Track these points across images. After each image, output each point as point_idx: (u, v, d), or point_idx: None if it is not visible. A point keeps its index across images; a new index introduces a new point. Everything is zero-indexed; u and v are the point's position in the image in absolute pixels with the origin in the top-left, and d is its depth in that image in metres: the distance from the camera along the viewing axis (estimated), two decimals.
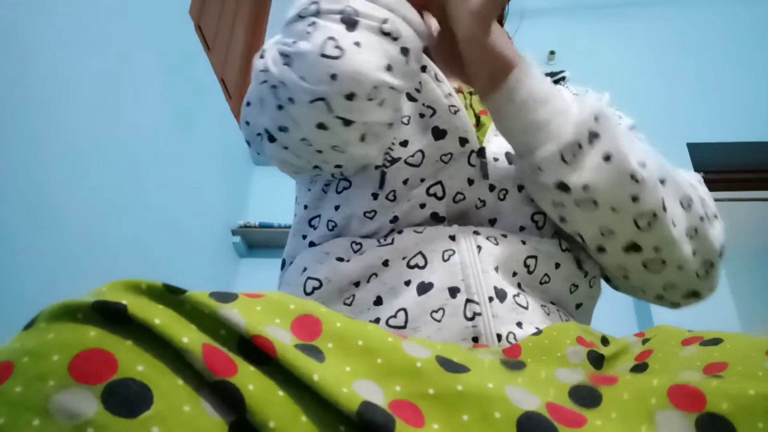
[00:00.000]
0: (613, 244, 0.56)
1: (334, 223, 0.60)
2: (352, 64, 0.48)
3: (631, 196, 0.52)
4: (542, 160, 0.53)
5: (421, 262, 0.54)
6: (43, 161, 1.39)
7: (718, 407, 0.29)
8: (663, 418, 0.30)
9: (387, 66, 0.50)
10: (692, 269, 0.58)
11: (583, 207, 0.53)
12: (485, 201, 0.59)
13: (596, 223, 0.55)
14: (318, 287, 0.56)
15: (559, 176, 0.52)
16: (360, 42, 0.49)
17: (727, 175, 2.62)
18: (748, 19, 2.82)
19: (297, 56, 0.50)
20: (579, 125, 0.52)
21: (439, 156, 0.59)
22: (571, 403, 0.33)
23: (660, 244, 0.55)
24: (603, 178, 0.52)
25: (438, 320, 0.50)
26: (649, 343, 0.43)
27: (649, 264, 0.57)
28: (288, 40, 0.52)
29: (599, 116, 0.53)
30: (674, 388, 0.31)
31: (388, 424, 0.27)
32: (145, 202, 1.81)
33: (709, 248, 0.58)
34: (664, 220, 0.54)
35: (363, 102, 0.50)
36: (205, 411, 0.27)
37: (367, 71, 0.49)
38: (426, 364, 0.32)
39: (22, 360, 0.26)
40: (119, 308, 0.28)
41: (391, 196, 0.58)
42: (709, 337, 0.39)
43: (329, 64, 0.48)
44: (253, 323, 0.30)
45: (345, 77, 0.48)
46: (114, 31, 1.71)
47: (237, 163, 2.66)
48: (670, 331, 0.44)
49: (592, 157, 0.52)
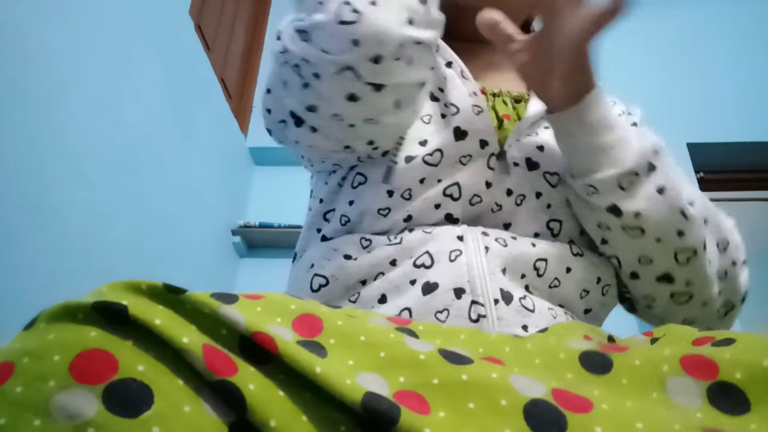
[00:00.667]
0: (648, 273, 0.57)
1: (347, 218, 0.59)
2: (372, 25, 0.47)
3: (678, 230, 0.53)
4: (600, 182, 0.53)
5: (427, 261, 0.53)
6: (43, 161, 1.39)
7: (731, 376, 0.29)
8: (674, 383, 0.30)
9: (408, 19, 0.49)
10: (714, 308, 0.59)
11: (630, 233, 0.54)
12: (501, 205, 0.58)
13: (638, 250, 0.56)
14: (324, 284, 0.56)
15: (613, 200, 0.53)
16: (375, 1, 0.48)
17: (727, 175, 2.62)
18: (748, 19, 2.82)
19: (314, 29, 0.49)
20: (639, 156, 0.53)
21: (459, 157, 0.58)
22: (582, 369, 0.33)
23: (693, 280, 0.56)
24: (655, 208, 0.53)
25: (442, 321, 0.49)
26: (658, 343, 0.43)
27: (676, 296, 0.58)
28: (302, 15, 0.50)
29: (658, 151, 0.54)
30: (687, 357, 0.31)
31: (392, 411, 0.27)
32: (145, 202, 1.81)
33: (734, 291, 0.60)
34: (703, 258, 0.55)
35: (391, 63, 0.48)
36: (205, 411, 0.27)
37: (389, 29, 0.47)
38: (429, 356, 0.32)
39: (23, 360, 0.27)
40: (120, 309, 0.28)
41: (407, 195, 0.57)
42: (721, 337, 0.38)
43: (348, 30, 0.47)
44: (254, 320, 0.30)
45: (367, 40, 0.47)
46: (114, 31, 1.71)
47: (237, 163, 2.66)
48: (679, 331, 0.43)
49: (647, 187, 0.53)
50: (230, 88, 2.64)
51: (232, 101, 2.62)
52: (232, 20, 2.74)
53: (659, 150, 0.55)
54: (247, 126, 2.78)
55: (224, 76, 2.57)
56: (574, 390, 0.31)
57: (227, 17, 2.68)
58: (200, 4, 2.35)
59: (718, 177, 2.60)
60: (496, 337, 0.37)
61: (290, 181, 1.52)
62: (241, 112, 2.76)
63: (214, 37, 2.48)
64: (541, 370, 0.35)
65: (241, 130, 2.70)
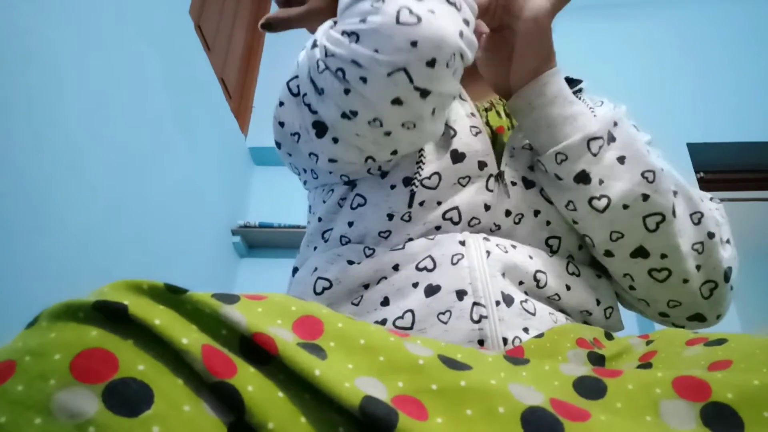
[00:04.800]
0: (622, 249, 0.57)
1: (347, 239, 0.60)
2: (432, 29, 0.47)
3: (642, 194, 0.54)
4: (569, 147, 0.55)
5: (429, 265, 0.54)
6: (43, 161, 1.39)
7: (722, 397, 0.29)
8: (668, 407, 0.30)
9: (460, 32, 0.50)
10: (696, 286, 0.58)
11: (597, 205, 0.55)
12: (500, 225, 0.59)
13: (608, 225, 0.56)
14: (328, 287, 0.56)
15: (583, 165, 0.55)
16: (433, 9, 0.48)
17: (726, 175, 2.62)
18: (748, 20, 2.82)
19: (368, 31, 0.49)
20: (602, 124, 0.56)
21: (457, 179, 0.58)
22: (576, 395, 0.33)
23: (666, 251, 0.56)
24: (617, 175, 0.55)
25: (445, 322, 0.50)
26: (653, 345, 0.44)
27: (654, 273, 0.58)
28: (351, 20, 0.50)
29: (617, 122, 0.57)
30: (679, 379, 0.31)
31: (390, 416, 0.27)
32: (145, 202, 1.81)
33: (714, 266, 0.59)
34: (672, 225, 0.55)
35: (443, 69, 0.49)
36: (205, 411, 0.27)
37: (448, 35, 0.48)
38: (428, 362, 0.32)
39: (24, 359, 0.27)
40: (120, 308, 0.28)
41: (407, 217, 0.58)
42: (714, 338, 0.39)
43: (408, 30, 0.47)
44: (254, 321, 0.30)
45: (426, 42, 0.47)
46: (114, 31, 1.71)
47: (237, 163, 2.66)
48: (674, 333, 0.44)
49: (609, 154, 0.55)
50: (230, 88, 2.64)
51: (232, 101, 2.62)
52: (232, 20, 2.74)
53: (618, 121, 0.57)
54: (247, 126, 2.78)
55: (224, 76, 2.57)
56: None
57: (227, 17, 2.68)
58: (200, 4, 2.35)
59: (718, 177, 2.60)
60: (492, 359, 0.37)
61: (290, 181, 1.52)
62: (241, 112, 2.76)
63: (214, 37, 2.48)
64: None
65: (241, 130, 2.71)
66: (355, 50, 0.49)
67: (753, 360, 0.33)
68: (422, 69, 0.48)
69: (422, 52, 0.47)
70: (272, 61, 2.95)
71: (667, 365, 0.39)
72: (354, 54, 0.49)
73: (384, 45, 0.48)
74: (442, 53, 0.48)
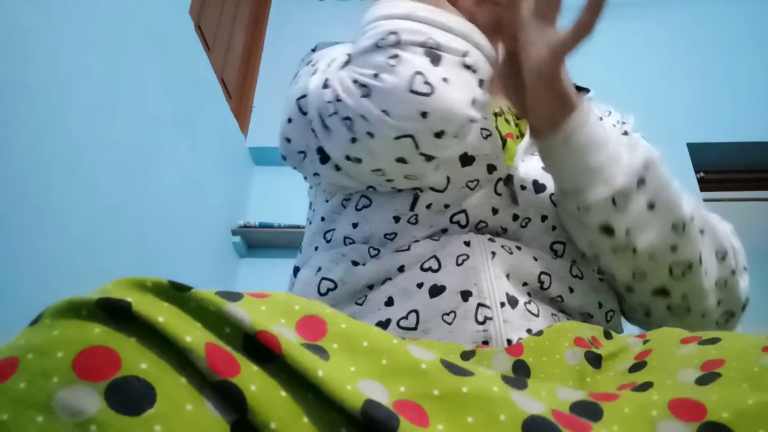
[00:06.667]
0: (643, 287, 0.57)
1: (351, 240, 0.60)
2: (444, 102, 0.47)
3: (671, 245, 0.53)
4: (593, 202, 0.52)
5: (434, 265, 0.53)
6: (43, 161, 1.39)
7: (718, 416, 0.29)
8: (665, 428, 0.30)
9: (472, 101, 0.49)
10: (714, 318, 0.59)
11: (622, 255, 0.54)
12: (507, 228, 0.58)
13: (631, 267, 0.55)
14: (333, 288, 0.56)
15: (606, 217, 0.53)
16: (447, 78, 0.47)
17: (726, 175, 2.62)
18: (748, 20, 2.82)
19: (380, 90, 0.48)
20: (629, 174, 0.52)
21: (465, 182, 0.58)
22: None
23: (689, 293, 0.56)
24: (645, 225, 0.52)
25: (449, 323, 0.49)
26: (649, 344, 0.44)
27: (674, 309, 0.58)
28: (365, 70, 0.49)
29: (648, 165, 0.53)
30: (675, 401, 0.31)
31: (391, 421, 0.27)
32: (145, 202, 1.81)
33: (734, 300, 0.60)
34: (698, 272, 0.55)
35: (450, 139, 0.49)
36: (207, 410, 0.27)
37: (459, 109, 0.47)
38: (431, 366, 0.32)
39: (27, 356, 0.26)
40: (123, 305, 0.28)
41: (413, 220, 0.57)
42: (708, 336, 0.39)
43: (420, 101, 0.46)
44: (258, 319, 0.30)
45: (437, 115, 0.47)
46: (114, 31, 1.71)
47: (237, 163, 2.65)
48: (669, 332, 0.44)
49: (637, 202, 0.52)
50: (230, 89, 2.64)
51: (232, 101, 2.62)
52: (232, 20, 2.74)
53: (650, 163, 0.54)
54: (247, 126, 2.78)
55: (224, 77, 2.57)
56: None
57: (227, 17, 2.68)
58: (200, 4, 2.35)
59: (718, 177, 2.60)
60: (490, 377, 0.37)
61: (290, 181, 1.52)
62: (241, 112, 2.76)
63: (214, 37, 2.48)
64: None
65: (241, 130, 2.70)
66: (364, 106, 0.48)
67: (745, 359, 0.33)
68: (429, 139, 0.48)
69: (431, 124, 0.47)
70: (272, 61, 2.95)
71: (661, 363, 0.39)
72: (363, 110, 0.48)
73: (394, 109, 0.47)
74: (451, 126, 0.48)
